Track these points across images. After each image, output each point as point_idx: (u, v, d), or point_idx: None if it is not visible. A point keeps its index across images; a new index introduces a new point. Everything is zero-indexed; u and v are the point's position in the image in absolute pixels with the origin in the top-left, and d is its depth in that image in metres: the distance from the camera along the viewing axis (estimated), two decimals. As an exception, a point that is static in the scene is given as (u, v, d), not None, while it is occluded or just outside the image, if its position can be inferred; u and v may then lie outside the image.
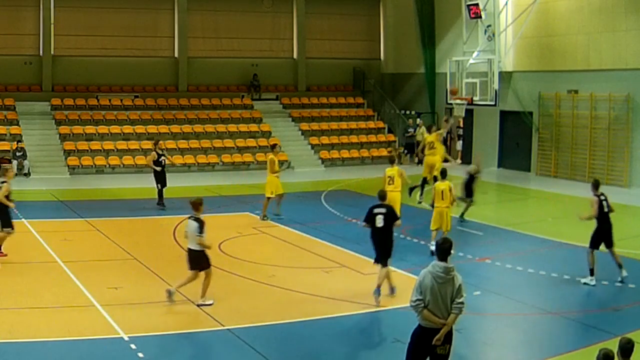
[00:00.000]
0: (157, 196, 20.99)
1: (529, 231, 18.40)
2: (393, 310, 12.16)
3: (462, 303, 7.86)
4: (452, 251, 7.99)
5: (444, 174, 16.34)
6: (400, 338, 10.74)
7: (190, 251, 12.03)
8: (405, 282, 13.93)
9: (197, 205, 11.97)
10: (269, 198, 19.26)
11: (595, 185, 13.71)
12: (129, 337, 10.39)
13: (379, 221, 12.34)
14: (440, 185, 15.68)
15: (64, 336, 10.40)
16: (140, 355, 9.79)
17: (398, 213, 15.08)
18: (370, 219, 12.45)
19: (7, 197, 14.45)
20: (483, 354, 10.53)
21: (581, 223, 14.06)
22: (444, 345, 7.91)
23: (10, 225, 14.68)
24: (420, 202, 20.37)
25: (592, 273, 13.36)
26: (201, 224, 11.76)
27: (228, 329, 10.91)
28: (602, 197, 13.60)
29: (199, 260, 11.94)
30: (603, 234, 13.46)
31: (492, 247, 16.63)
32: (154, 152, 21.33)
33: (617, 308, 12.09)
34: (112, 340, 10.34)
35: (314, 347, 10.63)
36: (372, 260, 12.68)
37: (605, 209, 13.53)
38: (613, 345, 7.03)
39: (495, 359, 9.90)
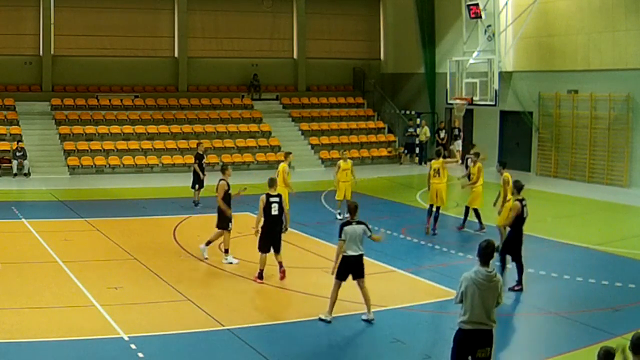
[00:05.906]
0: None
1: (529, 231, 18.24)
2: (393, 310, 12.17)
3: (498, 304, 8.12)
4: (494, 255, 8.09)
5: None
6: (400, 338, 10.75)
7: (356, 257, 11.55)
8: (406, 282, 13.97)
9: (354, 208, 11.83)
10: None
11: None
12: (129, 337, 10.39)
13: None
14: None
15: (64, 336, 10.40)
16: (140, 355, 9.79)
17: (445, 203, 17.42)
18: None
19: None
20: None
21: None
22: (484, 349, 7.98)
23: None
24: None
25: None
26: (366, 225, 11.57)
27: (228, 329, 10.91)
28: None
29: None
30: None
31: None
32: None
33: (617, 308, 12.08)
34: (112, 340, 10.34)
35: (314, 347, 10.64)
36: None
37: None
38: (612, 345, 7.03)
39: (495, 359, 9.88)
